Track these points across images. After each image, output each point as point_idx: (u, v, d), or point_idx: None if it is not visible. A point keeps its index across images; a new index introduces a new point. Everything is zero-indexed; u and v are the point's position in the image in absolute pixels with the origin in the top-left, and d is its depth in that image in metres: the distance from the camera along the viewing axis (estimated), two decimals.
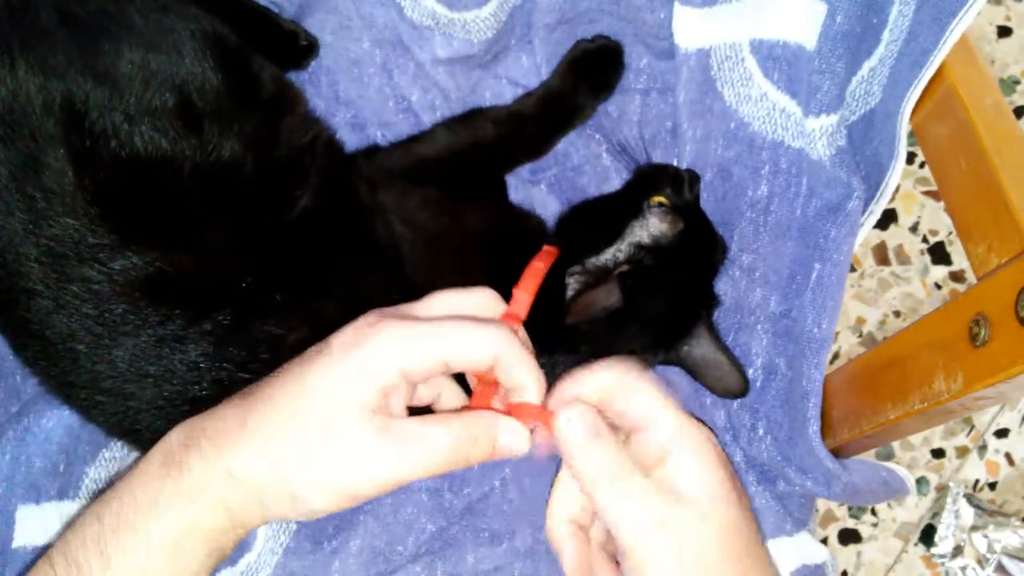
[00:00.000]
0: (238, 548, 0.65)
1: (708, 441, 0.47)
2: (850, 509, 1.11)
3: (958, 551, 1.05)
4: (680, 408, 0.48)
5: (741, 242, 0.70)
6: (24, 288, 0.55)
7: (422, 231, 0.66)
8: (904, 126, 0.64)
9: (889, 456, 1.13)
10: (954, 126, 0.65)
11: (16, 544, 0.61)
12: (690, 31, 0.69)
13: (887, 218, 1.19)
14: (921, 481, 1.11)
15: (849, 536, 1.11)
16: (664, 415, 0.47)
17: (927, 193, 1.20)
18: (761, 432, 0.68)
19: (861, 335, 1.16)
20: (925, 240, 1.19)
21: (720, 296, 0.71)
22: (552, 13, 0.72)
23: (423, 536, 0.68)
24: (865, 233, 0.68)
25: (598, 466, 0.46)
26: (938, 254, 1.19)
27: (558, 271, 0.64)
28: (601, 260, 0.65)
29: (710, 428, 0.52)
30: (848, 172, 0.63)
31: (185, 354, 0.55)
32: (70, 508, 0.63)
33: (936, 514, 1.08)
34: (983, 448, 1.12)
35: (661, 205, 0.67)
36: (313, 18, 0.72)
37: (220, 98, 0.60)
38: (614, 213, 0.68)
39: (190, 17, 0.61)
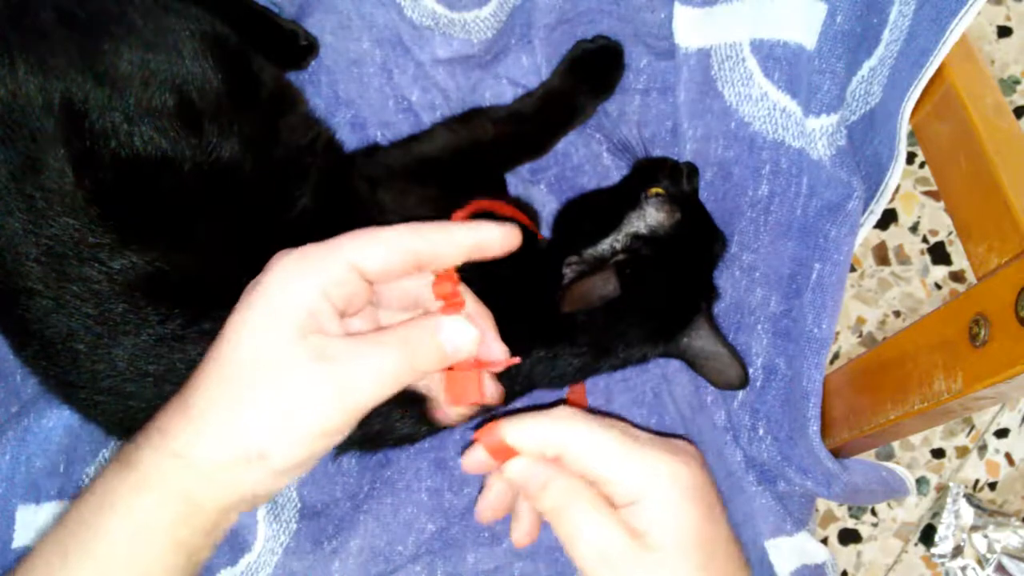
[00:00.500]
0: (238, 548, 0.65)
1: (678, 479, 0.45)
2: (850, 509, 1.11)
3: (958, 551, 1.05)
4: (643, 447, 0.46)
5: (741, 242, 0.70)
6: (24, 288, 0.55)
7: None
8: (904, 126, 0.64)
9: (889, 456, 1.13)
10: (954, 126, 0.65)
11: (16, 544, 0.61)
12: (690, 31, 0.69)
13: (887, 218, 1.19)
14: (921, 481, 1.11)
15: (849, 536, 1.11)
16: (625, 463, 0.45)
17: (927, 193, 1.20)
18: (761, 432, 0.68)
19: (861, 335, 1.16)
20: (925, 240, 1.19)
21: (720, 289, 0.71)
22: (552, 13, 0.72)
23: (423, 536, 0.68)
24: (865, 233, 0.68)
25: (555, 500, 0.45)
26: (938, 254, 1.19)
27: (555, 262, 0.64)
28: (598, 250, 0.65)
29: (691, 443, 0.50)
30: (848, 172, 0.63)
31: (184, 353, 0.55)
32: None
33: (936, 514, 1.08)
34: (983, 448, 1.12)
35: (658, 195, 0.67)
36: (313, 18, 0.72)
37: (220, 98, 0.60)
38: (612, 205, 0.68)
39: (190, 17, 0.61)
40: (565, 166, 0.76)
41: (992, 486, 1.11)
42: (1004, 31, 1.26)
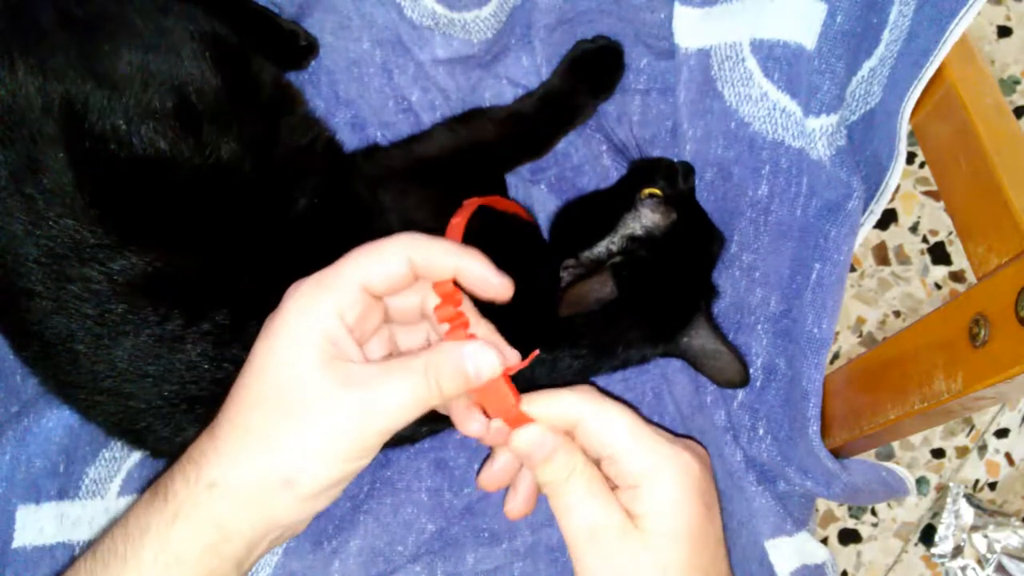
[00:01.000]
0: None
1: (686, 471, 0.46)
2: (850, 509, 1.11)
3: (958, 551, 1.05)
4: (655, 435, 0.47)
5: (741, 242, 0.70)
6: (24, 288, 0.55)
7: (422, 230, 0.65)
8: (904, 126, 0.64)
9: (889, 456, 1.13)
10: (954, 126, 0.65)
11: (16, 544, 0.61)
12: (690, 31, 0.69)
13: (887, 218, 1.19)
14: (921, 481, 1.11)
15: (849, 536, 1.11)
16: (635, 446, 0.46)
17: (927, 193, 1.20)
18: (761, 432, 0.68)
19: (861, 335, 1.16)
20: (925, 240, 1.19)
21: (720, 289, 0.71)
22: (552, 13, 0.72)
23: (423, 536, 0.68)
24: (865, 233, 0.68)
25: (557, 472, 0.46)
26: (938, 254, 1.19)
27: (552, 265, 0.64)
28: (594, 253, 0.65)
29: (700, 444, 0.52)
30: (848, 172, 0.63)
31: (184, 354, 0.55)
32: (70, 508, 0.63)
33: (936, 514, 1.08)
34: (983, 448, 1.12)
35: (653, 196, 0.67)
36: (313, 18, 0.72)
37: (219, 99, 0.60)
38: (608, 207, 0.68)
39: (189, 18, 0.61)
40: (565, 166, 0.76)
41: (992, 486, 1.11)
42: (1004, 31, 1.26)
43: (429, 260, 0.46)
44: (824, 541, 1.07)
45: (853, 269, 1.17)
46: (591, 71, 0.73)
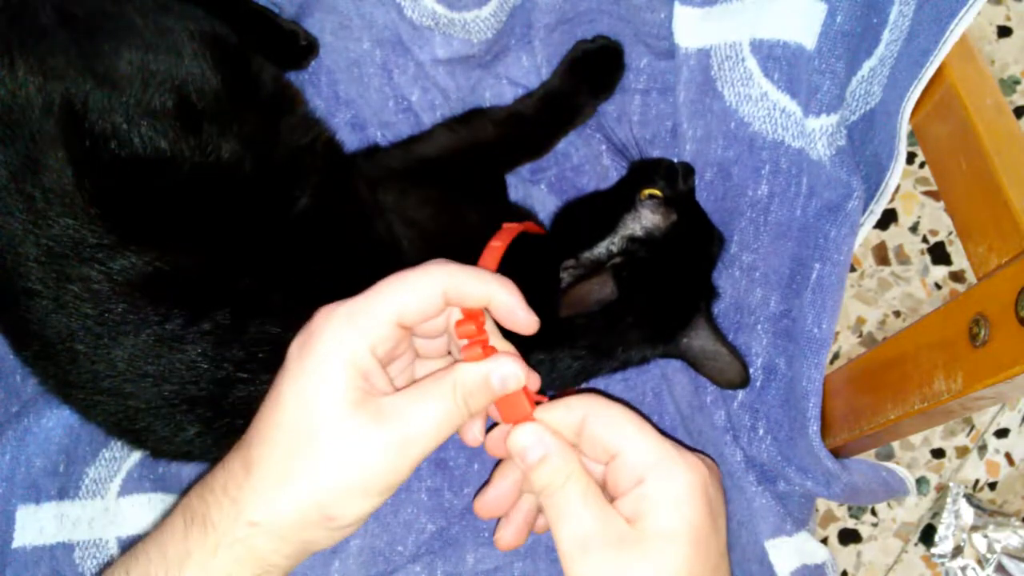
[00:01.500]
0: None
1: (694, 471, 0.45)
2: (850, 509, 1.11)
3: (958, 551, 1.05)
4: (658, 438, 0.47)
5: (741, 242, 0.70)
6: (24, 288, 0.55)
7: (422, 230, 0.66)
8: (904, 126, 0.64)
9: (889, 456, 1.13)
10: (954, 126, 0.65)
11: (16, 544, 0.61)
12: (690, 31, 0.69)
13: (887, 218, 1.19)
14: (921, 481, 1.11)
15: (849, 536, 1.11)
16: (642, 440, 0.46)
17: (927, 193, 1.20)
18: (761, 432, 0.68)
19: (861, 335, 1.16)
20: (925, 240, 1.19)
21: (719, 288, 0.71)
22: (552, 13, 0.72)
23: (423, 536, 0.68)
24: (865, 233, 0.68)
25: (550, 477, 0.46)
26: (938, 254, 1.19)
27: (552, 266, 0.64)
28: (595, 253, 0.65)
29: (705, 455, 0.51)
30: (848, 172, 0.63)
31: (184, 354, 0.55)
32: (70, 508, 0.63)
33: (936, 514, 1.08)
34: (983, 448, 1.12)
35: (652, 197, 0.67)
36: (313, 18, 0.72)
37: (219, 98, 0.60)
38: (608, 207, 0.68)
39: (189, 17, 0.61)
40: (565, 166, 0.76)
41: (992, 486, 1.11)
42: (1004, 31, 1.26)
43: (463, 290, 0.46)
44: (824, 541, 1.07)
45: (853, 269, 1.17)
46: (591, 71, 0.73)
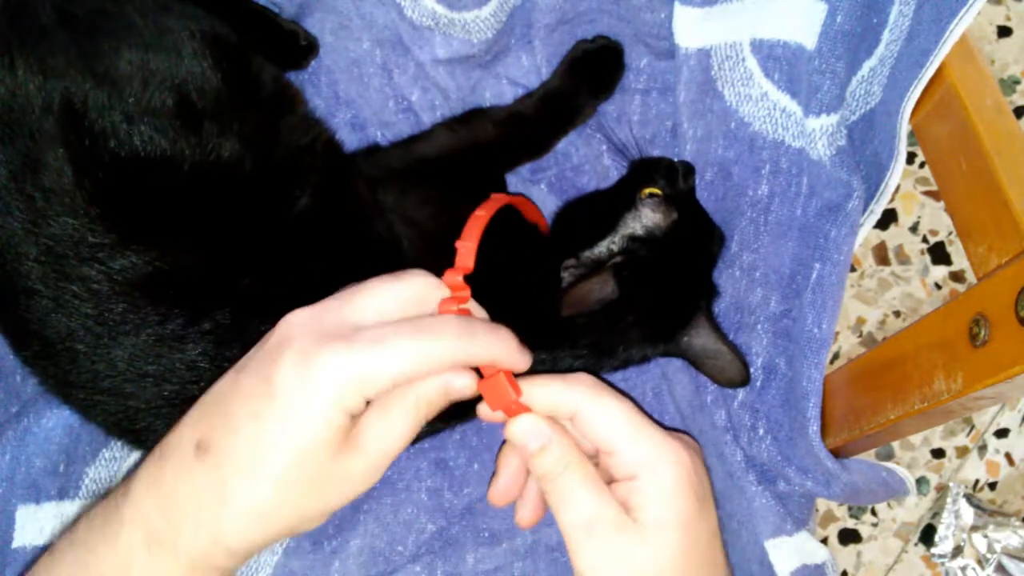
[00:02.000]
0: None
1: (679, 463, 0.47)
2: (850, 509, 1.11)
3: (958, 551, 1.05)
4: (652, 428, 0.48)
5: (741, 242, 0.70)
6: (23, 288, 0.55)
7: (422, 230, 0.66)
8: (904, 126, 0.64)
9: (889, 456, 1.13)
10: (954, 126, 0.65)
11: (16, 544, 0.61)
12: (690, 31, 0.69)
13: (887, 218, 1.19)
14: (921, 481, 1.11)
15: (849, 536, 1.11)
16: (634, 438, 0.47)
17: (927, 193, 1.20)
18: (761, 432, 0.68)
19: (861, 335, 1.16)
20: (925, 240, 1.19)
21: (720, 288, 0.71)
22: (552, 13, 0.72)
23: (423, 536, 0.68)
24: (865, 233, 0.68)
25: (551, 464, 0.47)
26: (938, 254, 1.19)
27: (553, 265, 0.64)
28: (595, 252, 0.65)
29: (694, 439, 0.53)
30: (848, 172, 0.63)
31: (184, 353, 0.55)
32: (70, 508, 0.63)
33: (936, 514, 1.08)
34: (983, 448, 1.12)
35: (653, 196, 0.67)
36: (313, 18, 0.72)
37: (219, 98, 0.60)
38: (608, 206, 0.68)
39: (189, 17, 0.61)
40: (565, 166, 0.76)
41: (992, 486, 1.11)
42: (1004, 31, 1.26)
43: (474, 356, 0.46)
44: (824, 541, 1.07)
45: (853, 269, 1.17)
46: (591, 71, 0.73)
